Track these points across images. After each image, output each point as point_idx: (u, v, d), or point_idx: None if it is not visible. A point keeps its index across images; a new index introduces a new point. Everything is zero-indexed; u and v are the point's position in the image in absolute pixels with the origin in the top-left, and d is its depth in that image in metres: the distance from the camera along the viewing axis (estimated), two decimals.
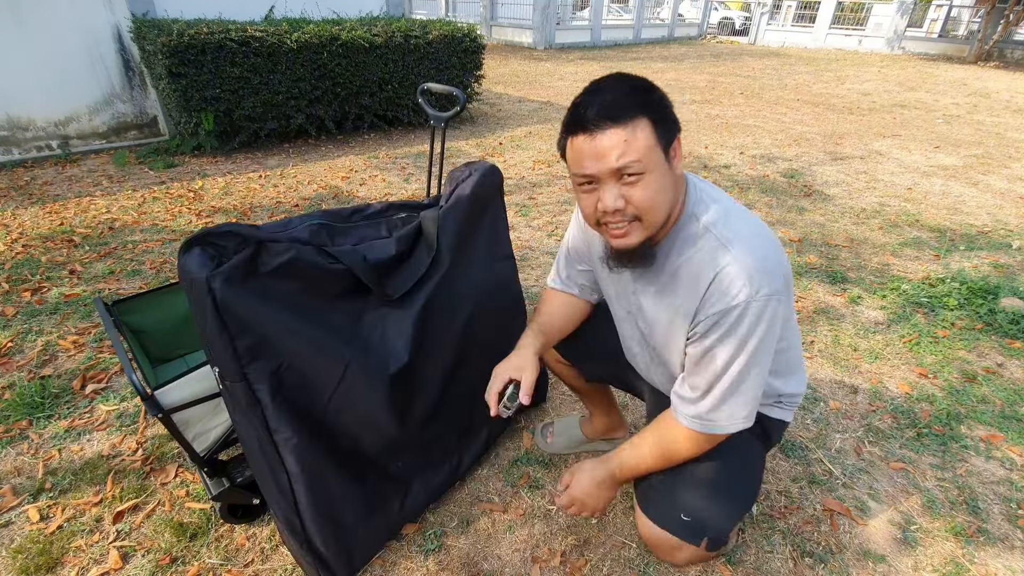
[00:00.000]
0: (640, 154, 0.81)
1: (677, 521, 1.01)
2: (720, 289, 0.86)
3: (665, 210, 0.87)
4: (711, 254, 0.88)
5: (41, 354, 2.05)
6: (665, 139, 0.83)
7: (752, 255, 0.85)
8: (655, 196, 0.84)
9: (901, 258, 2.98)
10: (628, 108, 0.80)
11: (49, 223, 3.17)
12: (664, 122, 0.83)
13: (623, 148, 0.80)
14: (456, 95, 1.92)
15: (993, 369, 2.07)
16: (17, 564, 1.30)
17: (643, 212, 0.85)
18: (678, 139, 0.85)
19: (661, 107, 0.83)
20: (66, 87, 4.26)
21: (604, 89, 0.84)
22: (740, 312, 0.85)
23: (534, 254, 2.92)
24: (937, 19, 15.71)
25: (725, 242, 0.87)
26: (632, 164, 0.81)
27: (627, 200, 0.84)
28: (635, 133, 0.80)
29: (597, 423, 1.61)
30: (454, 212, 1.32)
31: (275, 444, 1.08)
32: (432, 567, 1.33)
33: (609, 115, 0.80)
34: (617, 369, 1.32)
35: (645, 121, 0.81)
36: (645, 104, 0.82)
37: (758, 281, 0.84)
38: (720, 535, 1.01)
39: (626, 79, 0.85)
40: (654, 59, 11.90)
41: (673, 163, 0.86)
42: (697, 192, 0.92)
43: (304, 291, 1.07)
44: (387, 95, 5.07)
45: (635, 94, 0.83)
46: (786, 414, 1.13)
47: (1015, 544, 1.40)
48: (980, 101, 7.78)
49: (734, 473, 1.05)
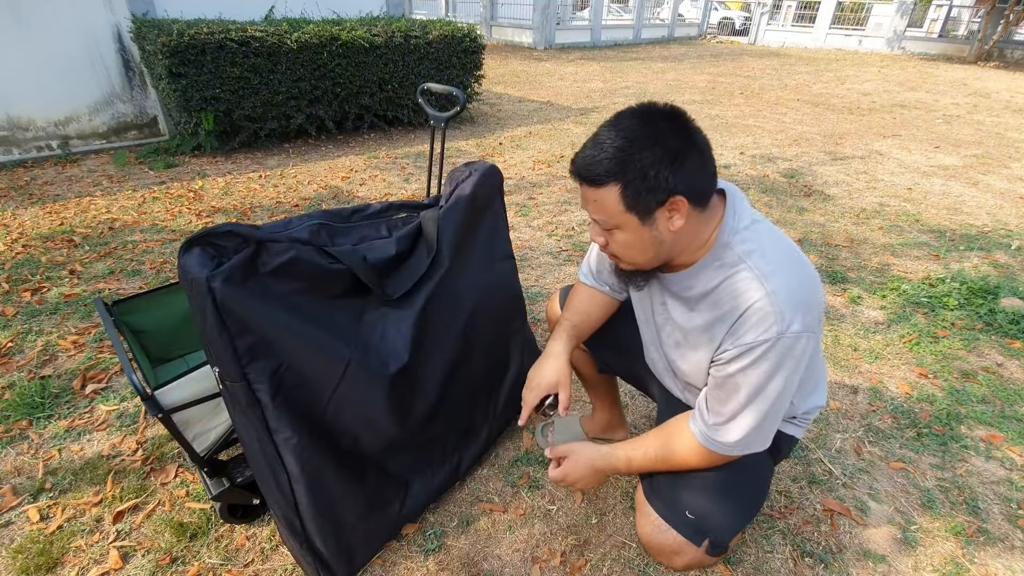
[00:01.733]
0: (607, 215, 0.85)
1: (682, 517, 1.01)
2: (751, 322, 0.86)
3: (642, 259, 0.91)
4: (745, 284, 0.87)
5: (41, 354, 2.05)
6: (638, 205, 0.82)
7: (787, 289, 0.84)
8: (624, 250, 0.90)
9: (901, 258, 2.98)
10: (602, 172, 0.82)
11: (49, 223, 3.17)
12: (640, 190, 0.81)
13: (593, 205, 0.86)
14: (456, 95, 1.92)
15: (993, 369, 2.07)
16: (17, 564, 1.30)
17: (617, 257, 0.93)
18: (675, 202, 0.82)
19: (643, 173, 0.80)
20: (66, 87, 4.26)
21: (598, 140, 0.83)
22: (768, 347, 0.84)
23: (534, 254, 2.92)
24: (937, 19, 15.71)
25: (759, 275, 0.86)
26: (601, 220, 0.87)
27: (607, 241, 0.91)
28: (603, 197, 0.83)
29: (598, 418, 1.61)
30: (454, 212, 1.32)
31: (275, 444, 1.08)
32: (432, 567, 1.33)
33: (583, 175, 0.84)
34: (632, 365, 1.32)
35: (615, 188, 0.81)
36: (623, 171, 0.80)
37: (789, 317, 0.83)
38: (722, 538, 1.00)
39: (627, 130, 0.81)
40: (654, 59, 11.90)
41: (662, 223, 0.84)
42: (736, 220, 0.91)
43: (304, 291, 1.07)
44: (387, 95, 5.07)
45: (618, 155, 0.80)
46: (799, 431, 1.14)
47: (1015, 544, 1.40)
48: (980, 101, 7.78)
49: (743, 480, 1.05)
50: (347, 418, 1.17)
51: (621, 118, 0.84)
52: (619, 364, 1.40)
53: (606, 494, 1.53)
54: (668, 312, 1.04)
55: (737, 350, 0.88)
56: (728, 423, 0.94)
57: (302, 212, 3.12)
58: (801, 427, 1.14)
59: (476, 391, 1.50)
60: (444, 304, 1.31)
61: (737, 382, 0.90)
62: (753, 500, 1.08)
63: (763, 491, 1.10)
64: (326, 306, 1.12)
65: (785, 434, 1.12)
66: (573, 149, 4.89)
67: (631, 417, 1.80)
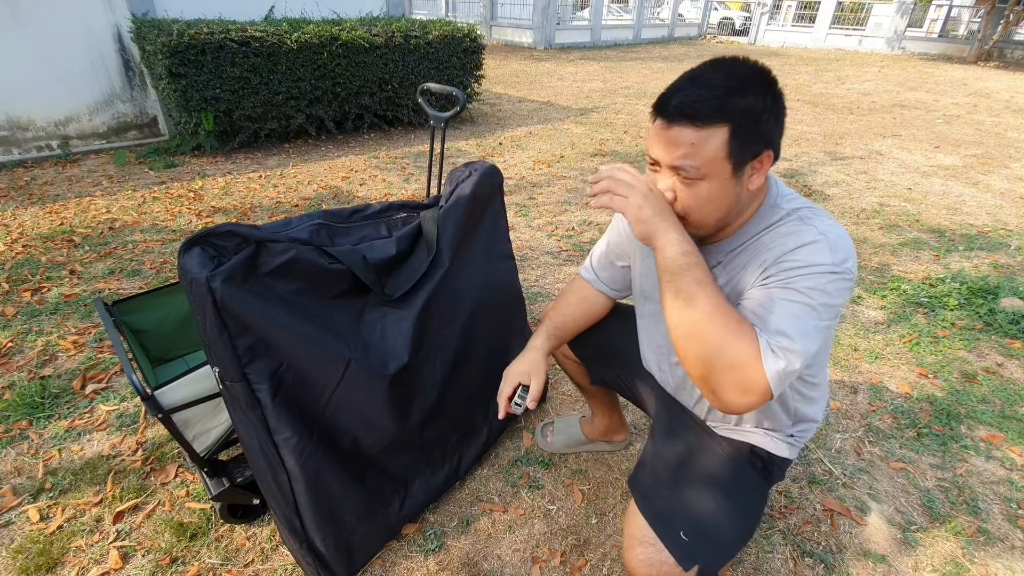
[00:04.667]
0: (702, 161, 0.78)
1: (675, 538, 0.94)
2: (806, 250, 0.81)
3: (713, 218, 0.85)
4: (796, 226, 0.84)
5: (41, 354, 2.05)
6: (740, 153, 0.78)
7: (837, 234, 0.82)
8: (702, 204, 0.82)
9: (901, 258, 2.98)
10: (711, 110, 0.76)
11: (49, 223, 3.17)
12: (747, 136, 0.77)
13: (687, 150, 0.78)
14: (456, 95, 1.92)
15: (993, 369, 2.07)
16: (17, 564, 1.30)
17: (685, 213, 0.84)
18: (766, 155, 0.80)
19: (751, 118, 0.77)
20: (66, 87, 4.26)
21: (700, 79, 0.78)
22: (823, 270, 0.79)
23: (534, 254, 2.92)
24: (937, 19, 15.71)
25: (809, 219, 0.84)
26: (690, 168, 0.79)
27: (676, 195, 0.83)
28: (706, 140, 0.77)
29: (598, 423, 1.61)
30: (454, 212, 1.32)
31: (275, 444, 1.08)
32: (432, 567, 1.33)
33: (687, 113, 0.77)
34: (624, 376, 1.31)
35: (723, 130, 0.76)
36: (732, 110, 0.76)
37: (843, 254, 0.80)
38: (712, 566, 0.93)
39: (735, 70, 0.78)
40: (654, 59, 11.89)
41: (746, 178, 0.82)
42: (778, 187, 0.91)
43: (304, 291, 1.08)
44: (387, 95, 5.07)
45: (727, 95, 0.76)
46: (793, 452, 1.09)
47: (1015, 544, 1.40)
48: (980, 101, 7.78)
49: (739, 507, 1.00)
50: (347, 418, 1.17)
51: (722, 61, 0.80)
52: (611, 376, 1.37)
53: (606, 494, 1.53)
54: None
55: (788, 263, 0.81)
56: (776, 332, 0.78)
57: (302, 212, 3.12)
58: (796, 447, 1.09)
59: (476, 391, 1.50)
60: (444, 304, 1.31)
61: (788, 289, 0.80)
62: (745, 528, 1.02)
63: (756, 522, 1.04)
64: (326, 306, 1.12)
65: (778, 457, 1.07)
66: (573, 149, 4.89)
67: (631, 417, 1.80)
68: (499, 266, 1.49)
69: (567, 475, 1.59)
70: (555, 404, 1.87)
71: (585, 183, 4.02)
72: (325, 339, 1.10)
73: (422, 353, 1.27)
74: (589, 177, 3.65)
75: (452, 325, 1.35)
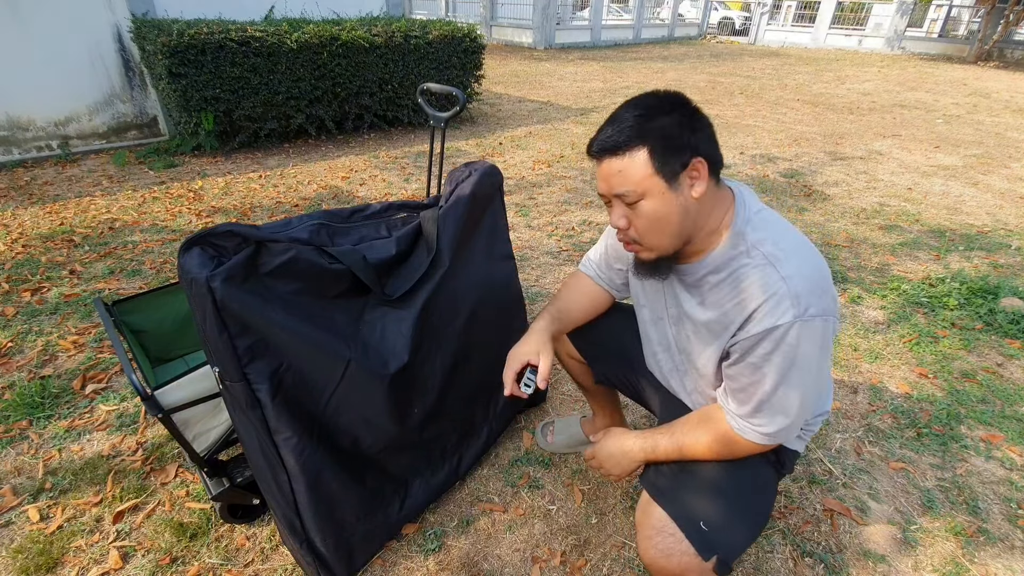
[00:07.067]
0: (633, 183, 0.85)
1: (696, 528, 0.95)
2: (767, 309, 0.85)
3: (670, 234, 0.89)
4: (759, 272, 0.87)
5: (41, 354, 2.05)
6: (666, 167, 0.84)
7: (800, 275, 0.85)
8: (653, 223, 0.88)
9: (901, 258, 2.98)
10: (626, 138, 0.84)
11: (49, 223, 3.17)
12: (667, 149, 0.84)
13: (618, 177, 0.86)
14: (456, 95, 1.92)
15: (993, 369, 2.07)
16: (17, 564, 1.30)
17: (640, 236, 0.91)
18: (697, 162, 0.85)
19: (665, 134, 0.84)
20: (66, 87, 4.26)
21: (615, 118, 0.88)
22: (785, 331, 0.84)
23: (534, 254, 2.92)
24: (937, 19, 15.71)
25: (773, 261, 0.87)
26: (627, 192, 0.86)
27: (629, 221, 0.90)
28: (631, 164, 0.85)
29: (599, 423, 1.61)
30: (454, 212, 1.32)
31: (275, 444, 1.08)
32: (432, 567, 1.33)
33: (608, 147, 0.86)
34: (628, 373, 1.31)
35: (643, 151, 0.84)
36: (646, 132, 0.84)
37: (806, 301, 0.83)
38: (729, 556, 0.95)
39: (641, 103, 0.87)
40: (654, 59, 11.90)
41: (686, 188, 0.86)
42: (746, 210, 0.92)
43: (304, 291, 1.07)
44: (387, 95, 5.07)
45: (639, 122, 0.84)
46: (801, 444, 1.12)
47: (1015, 544, 1.40)
48: (980, 101, 7.78)
49: (754, 494, 1.03)
50: (347, 418, 1.17)
51: (631, 100, 0.89)
52: (614, 373, 1.37)
53: (606, 494, 1.53)
54: (681, 306, 1.03)
55: (756, 338, 0.87)
56: (756, 413, 0.92)
57: (302, 212, 3.12)
58: (804, 439, 1.12)
59: (476, 391, 1.50)
60: (444, 304, 1.30)
61: (762, 371, 0.89)
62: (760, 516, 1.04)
63: (769, 509, 1.07)
64: (326, 306, 1.12)
65: (790, 450, 1.10)
66: (573, 149, 4.89)
67: (631, 417, 1.80)
68: (499, 266, 1.49)
69: (567, 475, 1.59)
70: (555, 404, 1.87)
71: (585, 183, 4.02)
72: (325, 339, 1.10)
73: (422, 353, 1.27)
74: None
75: (452, 325, 1.35)
